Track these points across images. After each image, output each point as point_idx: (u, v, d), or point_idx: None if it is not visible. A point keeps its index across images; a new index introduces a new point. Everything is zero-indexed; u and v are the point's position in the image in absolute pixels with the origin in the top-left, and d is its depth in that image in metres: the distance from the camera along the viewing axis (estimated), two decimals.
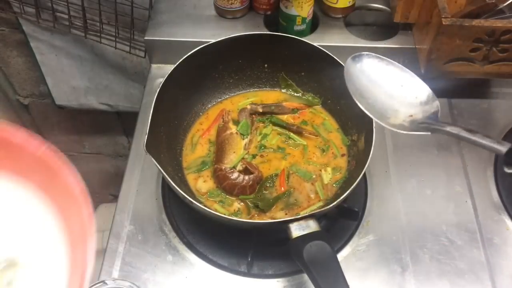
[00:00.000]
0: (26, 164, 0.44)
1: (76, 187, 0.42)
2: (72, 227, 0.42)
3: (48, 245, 0.43)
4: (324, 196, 0.74)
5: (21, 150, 0.43)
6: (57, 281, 0.41)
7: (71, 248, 0.42)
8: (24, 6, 1.06)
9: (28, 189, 0.44)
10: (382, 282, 0.70)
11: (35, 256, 0.43)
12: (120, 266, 0.70)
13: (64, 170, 0.42)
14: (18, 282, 0.41)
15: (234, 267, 0.71)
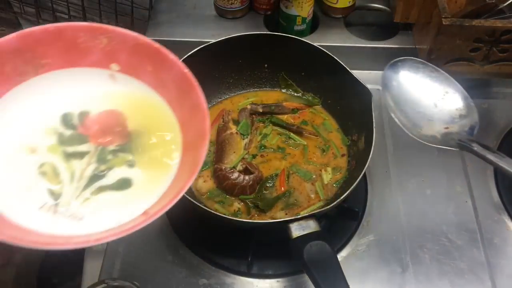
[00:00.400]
0: (166, 80, 0.49)
1: (203, 106, 0.47)
2: (188, 138, 0.48)
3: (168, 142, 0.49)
4: (324, 196, 0.74)
5: (172, 66, 0.48)
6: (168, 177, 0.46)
7: (183, 152, 0.48)
8: (24, 6, 1.06)
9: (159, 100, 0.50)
10: (382, 282, 0.70)
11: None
12: (120, 266, 0.70)
13: (197, 90, 0.48)
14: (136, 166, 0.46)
15: (234, 267, 0.71)
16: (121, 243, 0.73)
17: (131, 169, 0.46)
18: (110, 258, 0.71)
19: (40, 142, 0.45)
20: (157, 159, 0.48)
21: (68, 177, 0.44)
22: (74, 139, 0.46)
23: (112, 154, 0.47)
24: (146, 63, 0.49)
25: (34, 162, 0.44)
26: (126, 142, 0.48)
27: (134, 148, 0.48)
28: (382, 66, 0.95)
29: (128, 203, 0.45)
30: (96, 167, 0.45)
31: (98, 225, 0.43)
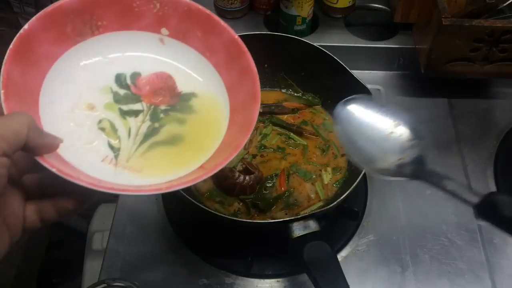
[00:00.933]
0: (215, 45, 0.52)
1: (253, 70, 0.51)
2: (237, 99, 0.51)
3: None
4: (324, 196, 0.74)
5: (222, 31, 0.51)
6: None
7: (232, 112, 0.51)
8: (24, 6, 1.06)
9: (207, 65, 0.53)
10: (382, 282, 0.70)
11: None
12: (120, 266, 0.70)
13: (247, 55, 0.51)
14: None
15: (234, 267, 0.71)
16: (121, 243, 0.72)
17: (181, 126, 0.49)
18: (110, 258, 0.71)
19: (98, 100, 0.48)
20: (206, 118, 0.51)
21: (125, 133, 0.47)
22: (129, 98, 0.49)
23: (163, 113, 0.50)
24: (196, 28, 0.51)
25: (94, 118, 0.47)
26: (176, 103, 0.51)
27: (184, 108, 0.51)
28: (382, 66, 0.95)
29: (182, 158, 0.48)
30: (150, 124, 0.48)
31: (157, 178, 0.46)
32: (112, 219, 0.75)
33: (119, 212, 0.76)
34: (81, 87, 0.48)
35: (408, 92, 0.93)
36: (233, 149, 0.46)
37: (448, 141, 0.85)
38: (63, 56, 0.47)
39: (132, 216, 0.76)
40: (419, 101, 0.91)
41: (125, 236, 0.73)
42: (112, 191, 0.41)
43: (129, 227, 0.74)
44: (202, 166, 0.47)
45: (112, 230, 0.74)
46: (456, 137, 0.86)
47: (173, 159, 0.48)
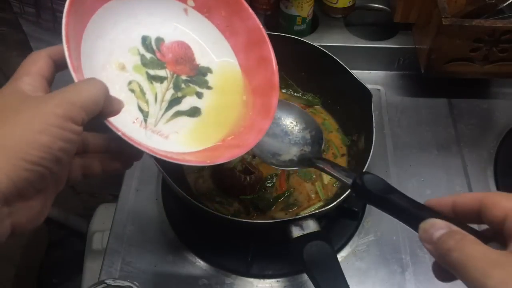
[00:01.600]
0: (237, 28, 0.54)
1: (273, 61, 0.55)
2: (253, 84, 0.54)
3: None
4: (324, 196, 0.74)
5: (248, 17, 0.54)
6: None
7: (248, 95, 0.54)
8: (24, 6, 1.06)
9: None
10: (382, 282, 0.70)
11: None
12: (120, 266, 0.70)
13: (269, 45, 0.55)
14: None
15: (234, 267, 0.71)
16: (121, 243, 0.73)
17: (200, 100, 0.51)
18: (110, 258, 0.71)
19: (127, 60, 0.48)
20: (220, 96, 0.52)
21: (152, 98, 0.48)
22: (154, 63, 0.50)
23: (184, 83, 0.51)
24: (222, 7, 0.53)
25: (124, 78, 0.47)
26: (195, 75, 0.52)
27: (201, 82, 0.52)
28: (382, 66, 0.95)
29: (203, 131, 0.50)
30: (173, 93, 0.50)
31: (182, 147, 0.48)
32: (112, 219, 0.75)
33: (119, 212, 0.76)
34: (112, 45, 0.48)
35: (408, 92, 0.93)
36: (258, 132, 0.49)
37: (448, 141, 0.85)
38: (99, 10, 0.47)
39: (132, 216, 0.76)
40: (419, 101, 0.91)
41: (125, 236, 0.73)
42: (171, 160, 0.43)
43: (129, 227, 0.74)
44: (223, 140, 0.50)
45: (112, 230, 0.74)
46: (456, 137, 0.86)
47: (195, 131, 0.50)
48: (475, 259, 0.32)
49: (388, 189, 0.42)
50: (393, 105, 0.91)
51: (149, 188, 0.79)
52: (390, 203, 0.41)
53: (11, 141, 0.33)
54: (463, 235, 0.34)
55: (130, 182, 0.79)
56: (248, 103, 0.53)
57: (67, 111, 0.35)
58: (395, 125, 0.88)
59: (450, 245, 0.34)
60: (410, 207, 0.40)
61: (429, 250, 0.36)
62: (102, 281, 0.61)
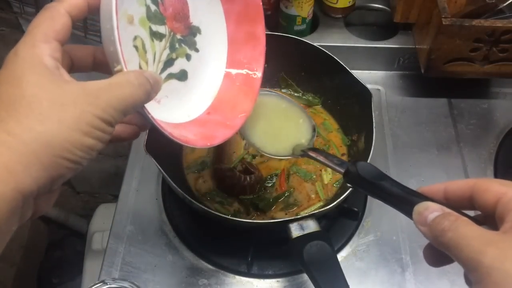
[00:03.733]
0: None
1: (263, 40, 0.53)
2: (237, 58, 0.53)
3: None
4: (324, 196, 0.74)
5: None
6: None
7: (229, 65, 0.54)
8: (24, 6, 1.06)
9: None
10: (382, 282, 0.70)
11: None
12: (120, 266, 0.70)
13: (262, 24, 0.53)
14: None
15: (234, 267, 0.71)
16: (121, 243, 0.73)
17: (188, 62, 0.50)
18: (110, 258, 0.71)
19: (135, 11, 0.46)
20: (204, 63, 0.52)
21: (151, 57, 0.47)
22: (157, 17, 0.48)
23: (178, 43, 0.50)
24: None
25: (130, 32, 0.45)
26: (187, 34, 0.51)
27: (191, 42, 0.51)
28: (382, 66, 0.95)
29: (188, 96, 0.50)
30: (169, 53, 0.49)
31: (173, 115, 0.48)
32: (112, 219, 0.75)
33: (119, 212, 0.76)
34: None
35: (408, 92, 0.93)
36: (242, 113, 0.49)
37: (448, 141, 0.85)
38: None
39: (132, 216, 0.76)
40: (419, 101, 0.91)
41: (125, 236, 0.73)
42: (174, 138, 0.44)
43: (129, 227, 0.74)
44: (208, 113, 0.50)
45: (112, 230, 0.74)
46: (456, 137, 0.86)
47: (183, 96, 0.49)
48: (470, 238, 0.32)
49: (381, 176, 0.43)
50: (393, 105, 0.91)
51: (149, 188, 0.79)
52: (384, 189, 0.42)
53: (57, 138, 0.32)
54: (457, 217, 0.35)
55: (130, 182, 0.79)
56: (231, 76, 0.53)
57: (110, 116, 0.35)
58: (395, 125, 0.88)
59: (445, 226, 0.34)
60: (403, 193, 0.41)
61: (423, 232, 0.36)
62: (102, 281, 0.61)
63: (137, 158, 0.82)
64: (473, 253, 0.31)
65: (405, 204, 0.39)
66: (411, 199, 0.39)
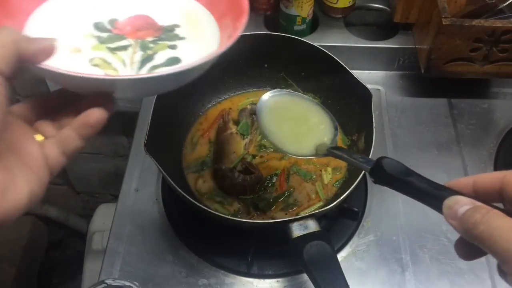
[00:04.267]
0: None
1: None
2: (221, 11, 0.51)
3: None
4: (324, 196, 0.74)
5: None
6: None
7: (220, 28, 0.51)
8: None
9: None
10: (382, 282, 0.70)
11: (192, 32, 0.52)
12: (120, 266, 0.70)
13: None
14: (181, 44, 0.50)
15: (234, 267, 0.71)
16: (121, 243, 0.72)
17: (175, 51, 0.49)
18: (110, 258, 0.71)
19: (83, 44, 0.46)
20: (196, 43, 0.50)
21: (120, 64, 0.46)
22: (113, 38, 0.48)
23: (152, 43, 0.49)
24: None
25: (84, 58, 0.45)
26: (161, 34, 0.51)
27: (170, 37, 0.50)
28: (382, 66, 0.95)
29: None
30: (143, 53, 0.48)
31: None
32: (112, 219, 0.75)
33: (119, 212, 0.76)
34: (65, 34, 0.47)
35: (408, 92, 0.93)
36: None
37: (448, 141, 0.85)
38: (46, 2, 0.47)
39: (132, 216, 0.76)
40: (419, 101, 0.91)
41: (125, 236, 0.73)
42: (125, 77, 0.42)
43: (129, 227, 0.74)
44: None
45: (112, 230, 0.74)
46: (456, 137, 0.86)
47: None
48: (503, 230, 0.33)
49: (407, 171, 0.43)
50: (393, 105, 0.91)
51: (149, 188, 0.79)
52: (411, 185, 0.41)
53: None
54: (488, 209, 0.35)
55: (130, 182, 0.79)
56: (221, 36, 0.51)
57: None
58: (395, 125, 0.88)
59: (477, 219, 0.35)
60: (431, 188, 0.40)
61: (454, 226, 0.37)
62: (102, 281, 0.61)
63: (137, 158, 0.82)
64: (507, 245, 0.32)
65: (433, 199, 0.39)
66: (440, 193, 0.39)
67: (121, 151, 1.47)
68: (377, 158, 0.46)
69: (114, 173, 1.53)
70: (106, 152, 1.51)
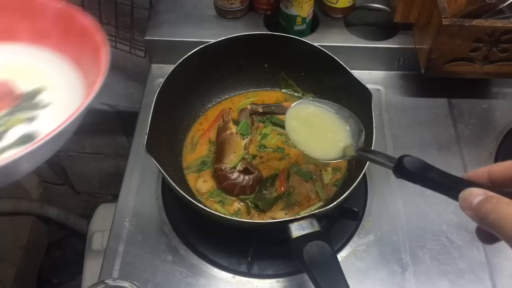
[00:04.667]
0: (44, 27, 0.47)
1: (91, 28, 0.46)
2: (85, 65, 0.47)
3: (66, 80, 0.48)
4: (324, 196, 0.74)
5: (43, 8, 0.46)
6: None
7: (84, 77, 0.47)
8: None
9: (46, 51, 0.49)
10: (382, 282, 0.70)
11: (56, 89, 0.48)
12: (120, 266, 0.70)
13: (81, 14, 0.47)
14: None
15: (234, 267, 0.71)
16: (121, 243, 0.72)
17: (32, 123, 0.45)
18: (110, 258, 0.71)
19: None
20: (64, 106, 0.46)
21: None
22: None
23: (7, 115, 0.45)
24: (19, 19, 0.47)
25: None
26: (19, 103, 0.46)
27: (30, 106, 0.46)
28: (382, 66, 0.95)
29: None
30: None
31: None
32: (112, 219, 0.75)
33: (119, 212, 0.76)
34: None
35: (408, 92, 0.93)
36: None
37: (448, 141, 0.85)
38: None
39: (132, 216, 0.76)
40: (419, 101, 0.91)
41: (125, 236, 0.73)
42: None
43: (129, 227, 0.74)
44: None
45: (112, 230, 0.74)
46: (456, 137, 0.86)
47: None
48: (511, 217, 0.35)
49: (427, 167, 0.48)
50: (393, 105, 0.91)
51: (149, 188, 0.79)
52: (431, 180, 0.46)
53: None
54: (499, 198, 0.38)
55: (130, 182, 0.79)
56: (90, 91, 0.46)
57: None
58: (395, 125, 0.88)
59: (488, 209, 0.37)
60: (449, 181, 0.45)
61: (470, 216, 0.40)
62: (102, 281, 0.61)
63: (137, 158, 0.82)
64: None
65: (452, 191, 0.43)
66: (457, 186, 0.42)
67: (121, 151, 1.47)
68: (399, 157, 0.50)
69: (114, 173, 1.53)
70: (106, 152, 1.51)
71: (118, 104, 1.32)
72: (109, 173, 1.54)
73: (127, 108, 1.33)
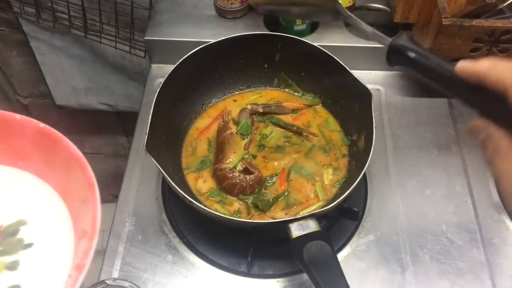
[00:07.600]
0: (24, 149, 0.44)
1: (76, 154, 0.45)
2: (74, 202, 0.43)
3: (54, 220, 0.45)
4: (324, 196, 0.74)
5: (22, 127, 0.44)
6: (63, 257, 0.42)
7: (74, 219, 0.43)
8: (24, 6, 1.06)
9: (27, 175, 0.46)
10: (382, 282, 0.70)
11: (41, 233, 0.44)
12: (120, 266, 0.70)
13: (64, 142, 0.45)
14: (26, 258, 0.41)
15: (234, 267, 0.71)
16: (121, 243, 0.72)
17: (15, 271, 0.40)
18: (110, 258, 0.71)
19: None
20: (46, 249, 0.42)
21: None
22: None
23: None
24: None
25: None
26: (1, 241, 0.42)
27: (12, 247, 0.42)
28: (382, 66, 0.95)
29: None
30: None
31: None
32: (112, 219, 0.76)
33: (118, 212, 0.76)
34: None
35: (408, 92, 0.93)
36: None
37: (448, 141, 0.85)
38: None
39: (132, 216, 0.76)
40: (419, 101, 0.91)
41: (125, 236, 0.73)
42: None
43: (129, 227, 0.74)
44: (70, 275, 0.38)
45: (112, 230, 0.74)
46: (456, 137, 0.86)
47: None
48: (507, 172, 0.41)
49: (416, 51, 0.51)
50: (393, 105, 0.91)
51: (149, 188, 0.79)
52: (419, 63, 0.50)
53: None
54: (495, 146, 0.42)
55: (130, 182, 0.79)
56: (77, 232, 0.42)
57: None
58: (395, 125, 0.88)
59: (488, 157, 0.43)
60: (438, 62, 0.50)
61: (478, 145, 0.45)
62: (102, 281, 0.61)
63: (137, 158, 0.82)
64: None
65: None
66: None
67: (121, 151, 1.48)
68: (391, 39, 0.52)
69: (114, 173, 1.53)
70: (107, 152, 1.51)
71: (118, 104, 1.32)
72: (109, 173, 1.54)
73: (127, 108, 1.33)
